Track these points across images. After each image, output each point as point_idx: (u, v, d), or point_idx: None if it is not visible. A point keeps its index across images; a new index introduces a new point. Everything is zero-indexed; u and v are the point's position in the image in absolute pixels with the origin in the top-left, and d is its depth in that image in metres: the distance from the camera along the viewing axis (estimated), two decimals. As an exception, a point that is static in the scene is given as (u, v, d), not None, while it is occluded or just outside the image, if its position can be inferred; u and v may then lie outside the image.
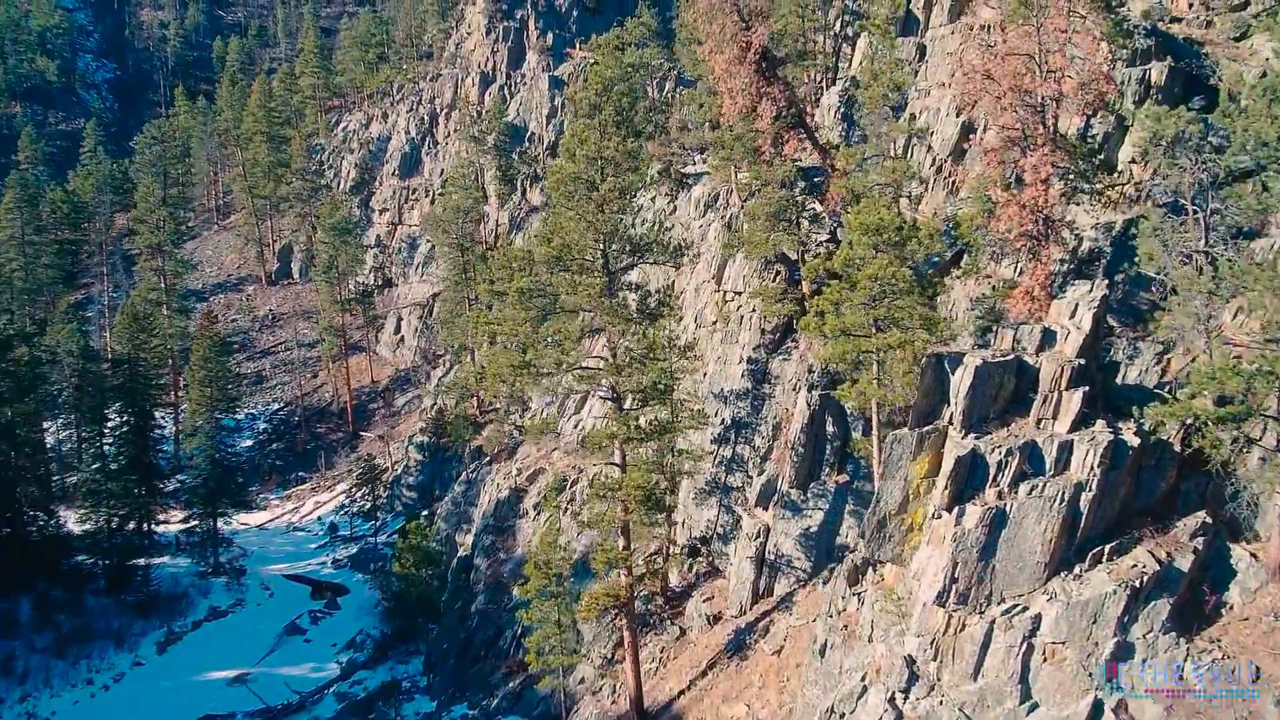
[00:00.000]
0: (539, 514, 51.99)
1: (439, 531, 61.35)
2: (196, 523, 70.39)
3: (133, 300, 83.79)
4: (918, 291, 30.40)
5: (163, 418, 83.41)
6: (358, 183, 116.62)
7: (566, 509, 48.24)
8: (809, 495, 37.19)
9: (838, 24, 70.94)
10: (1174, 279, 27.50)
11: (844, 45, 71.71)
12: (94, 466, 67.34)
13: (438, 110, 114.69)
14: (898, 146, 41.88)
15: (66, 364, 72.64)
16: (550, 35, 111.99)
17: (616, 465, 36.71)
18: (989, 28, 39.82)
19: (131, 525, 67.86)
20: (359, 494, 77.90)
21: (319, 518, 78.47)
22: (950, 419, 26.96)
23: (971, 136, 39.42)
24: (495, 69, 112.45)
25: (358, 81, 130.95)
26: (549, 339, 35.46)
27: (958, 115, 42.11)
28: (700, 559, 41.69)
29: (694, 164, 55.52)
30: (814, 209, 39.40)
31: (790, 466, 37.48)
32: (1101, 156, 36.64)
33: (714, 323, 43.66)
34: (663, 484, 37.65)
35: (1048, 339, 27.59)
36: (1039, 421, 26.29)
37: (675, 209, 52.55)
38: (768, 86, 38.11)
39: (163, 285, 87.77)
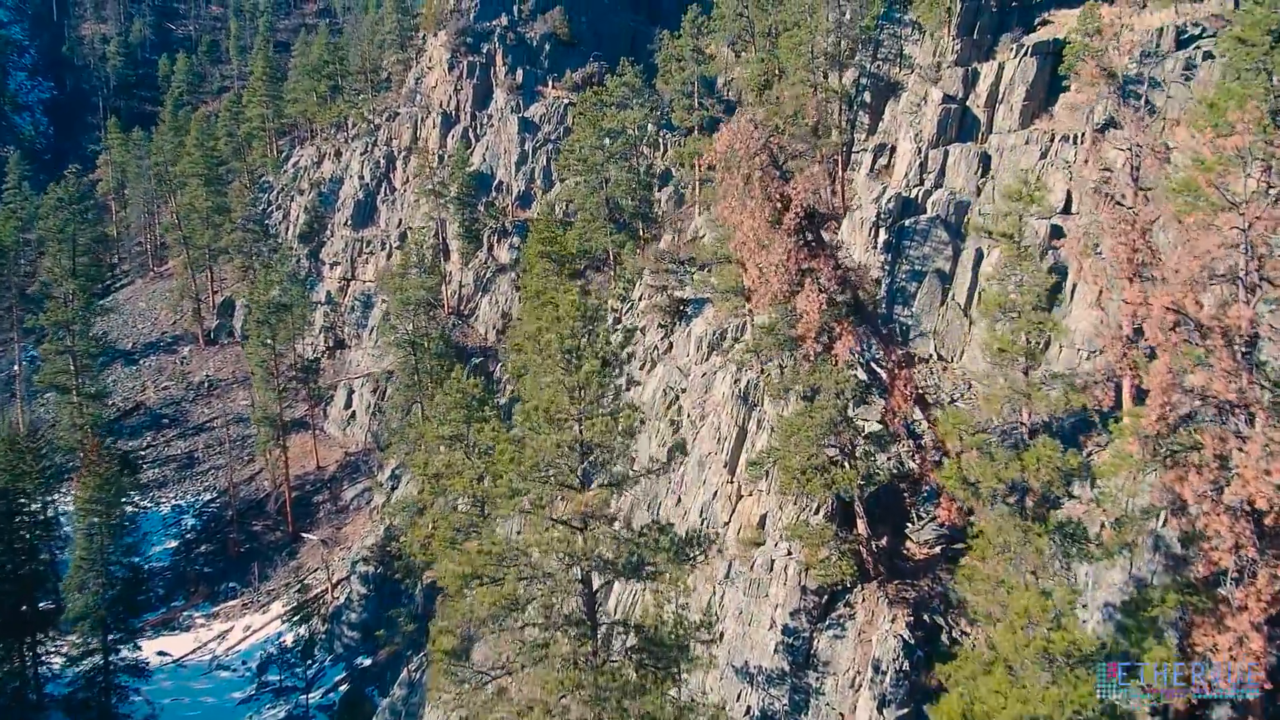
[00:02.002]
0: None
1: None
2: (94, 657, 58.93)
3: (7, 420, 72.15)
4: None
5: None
6: (307, 231, 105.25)
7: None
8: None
9: (854, 88, 60.93)
10: None
11: (861, 114, 61.67)
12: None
13: (395, 153, 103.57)
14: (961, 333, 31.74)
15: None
16: (520, 72, 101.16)
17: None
18: (1099, 164, 29.68)
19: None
20: (295, 622, 67.06)
21: (249, 650, 67.48)
22: None
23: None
24: (459, 108, 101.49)
25: (309, 113, 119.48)
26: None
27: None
28: None
29: (691, 284, 45.25)
30: (873, 424, 29.27)
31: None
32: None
33: (727, 524, 33.35)
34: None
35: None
36: None
37: (670, 347, 42.20)
38: (812, 260, 27.91)
39: (72, 367, 76.14)
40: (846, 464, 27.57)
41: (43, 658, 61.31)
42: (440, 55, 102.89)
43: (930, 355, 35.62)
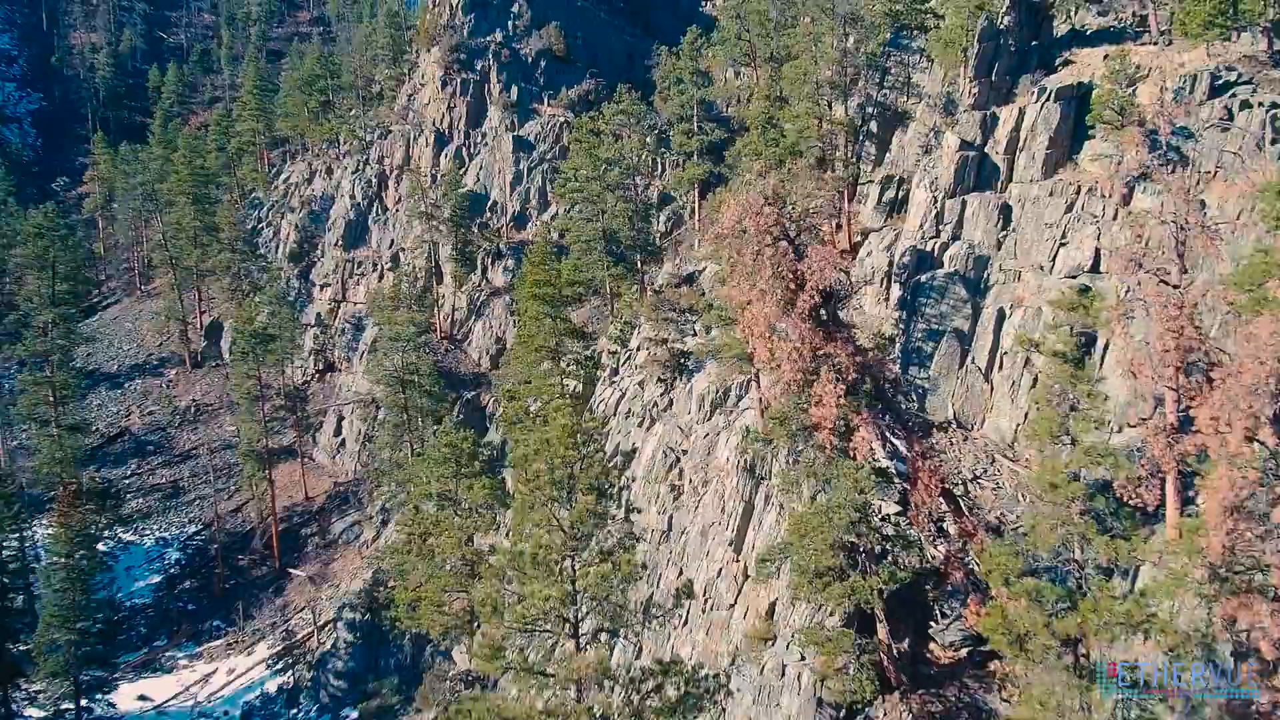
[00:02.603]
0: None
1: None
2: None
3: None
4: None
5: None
6: (297, 250, 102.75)
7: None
8: None
9: (860, 117, 58.79)
10: None
11: (867, 144, 59.57)
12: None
13: (387, 172, 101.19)
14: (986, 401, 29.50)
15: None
16: (515, 89, 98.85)
17: None
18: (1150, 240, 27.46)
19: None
20: (280, 669, 64.74)
21: (232, 696, 65.12)
22: None
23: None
24: (452, 127, 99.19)
25: (300, 128, 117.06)
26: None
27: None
28: None
29: (693, 334, 42.91)
30: (896, 521, 26.98)
31: None
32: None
33: (732, 607, 31.07)
34: None
35: None
36: None
37: (671, 403, 39.91)
38: (828, 343, 25.66)
39: (51, 398, 73.71)
40: (866, 569, 25.32)
41: (18, 705, 59.06)
42: (433, 72, 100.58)
43: (949, 422, 33.44)
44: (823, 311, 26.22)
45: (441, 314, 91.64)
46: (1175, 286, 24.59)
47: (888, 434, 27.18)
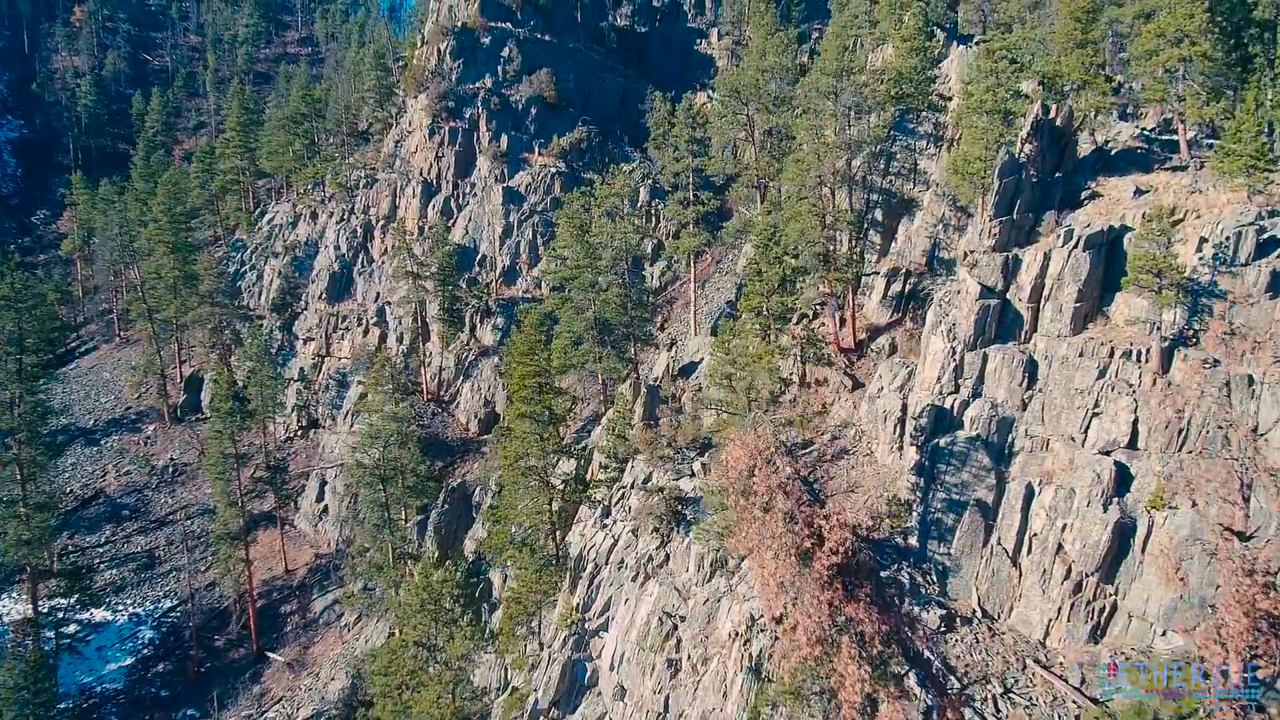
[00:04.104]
0: None
1: None
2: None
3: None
4: None
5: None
6: (280, 301, 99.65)
7: None
8: None
9: (864, 205, 56.03)
10: None
11: (871, 233, 56.89)
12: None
13: (373, 222, 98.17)
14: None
15: None
16: (505, 138, 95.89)
17: None
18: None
19: None
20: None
21: (203, 804, 62.05)
22: None
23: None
24: (440, 176, 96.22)
25: (285, 168, 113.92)
26: None
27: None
28: None
29: (690, 474, 39.89)
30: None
31: None
32: None
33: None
34: None
35: None
36: None
37: (667, 559, 36.94)
38: (850, 604, 22.84)
39: (19, 475, 70.44)
40: None
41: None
42: (421, 119, 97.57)
43: (974, 612, 30.64)
44: (844, 575, 23.40)
45: (428, 374, 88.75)
46: (1241, 535, 21.88)
47: (917, 692, 24.22)
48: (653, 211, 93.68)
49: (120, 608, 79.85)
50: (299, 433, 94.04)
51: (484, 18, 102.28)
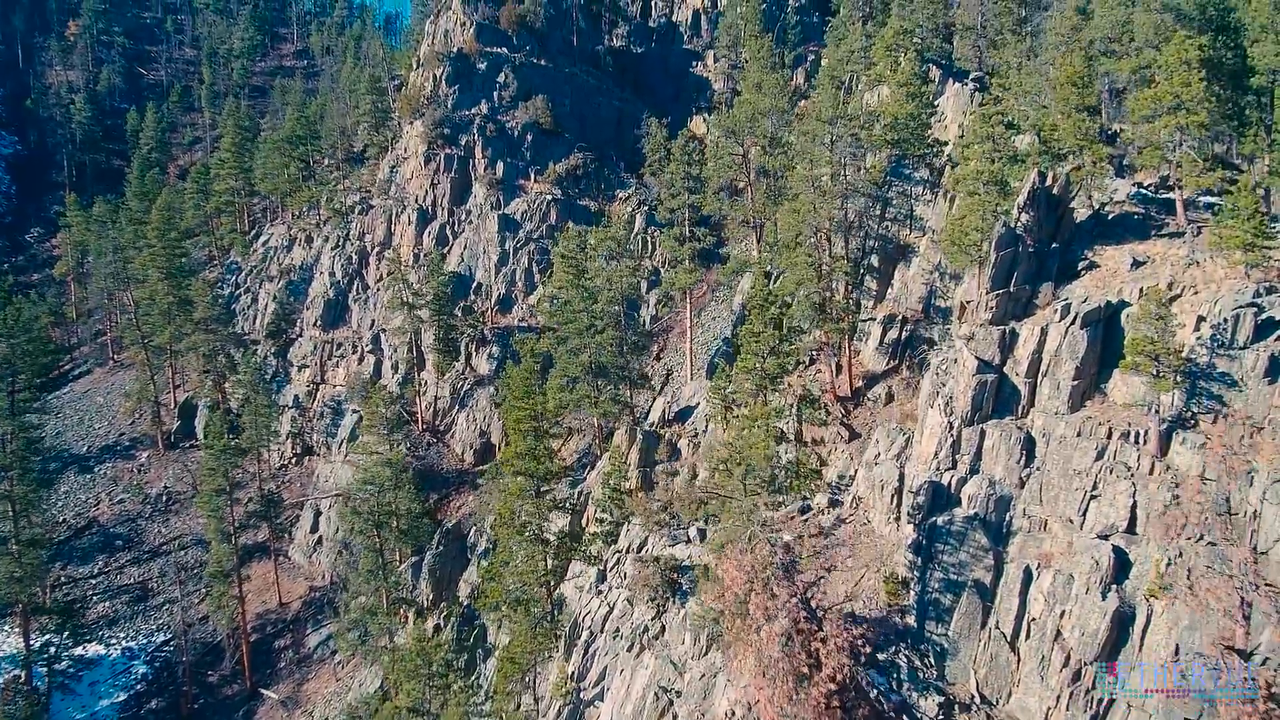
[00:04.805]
0: None
1: None
2: None
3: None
4: None
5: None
6: (275, 326, 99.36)
7: None
8: None
9: (860, 251, 55.91)
10: None
11: (868, 279, 56.75)
12: None
13: (368, 249, 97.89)
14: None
15: None
16: (500, 165, 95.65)
17: None
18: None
19: None
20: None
21: None
22: None
23: None
24: (436, 204, 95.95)
25: (280, 190, 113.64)
26: None
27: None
28: None
29: (686, 540, 39.60)
30: None
31: None
32: None
33: None
34: None
35: None
36: None
37: (663, 629, 36.72)
38: None
39: (11, 511, 70.15)
40: None
41: None
42: (417, 146, 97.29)
43: (972, 698, 30.41)
44: (842, 706, 23.15)
45: (423, 403, 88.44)
46: (1242, 653, 21.74)
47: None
48: (648, 239, 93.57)
49: (113, 641, 79.49)
50: (293, 460, 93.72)
51: (479, 43, 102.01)
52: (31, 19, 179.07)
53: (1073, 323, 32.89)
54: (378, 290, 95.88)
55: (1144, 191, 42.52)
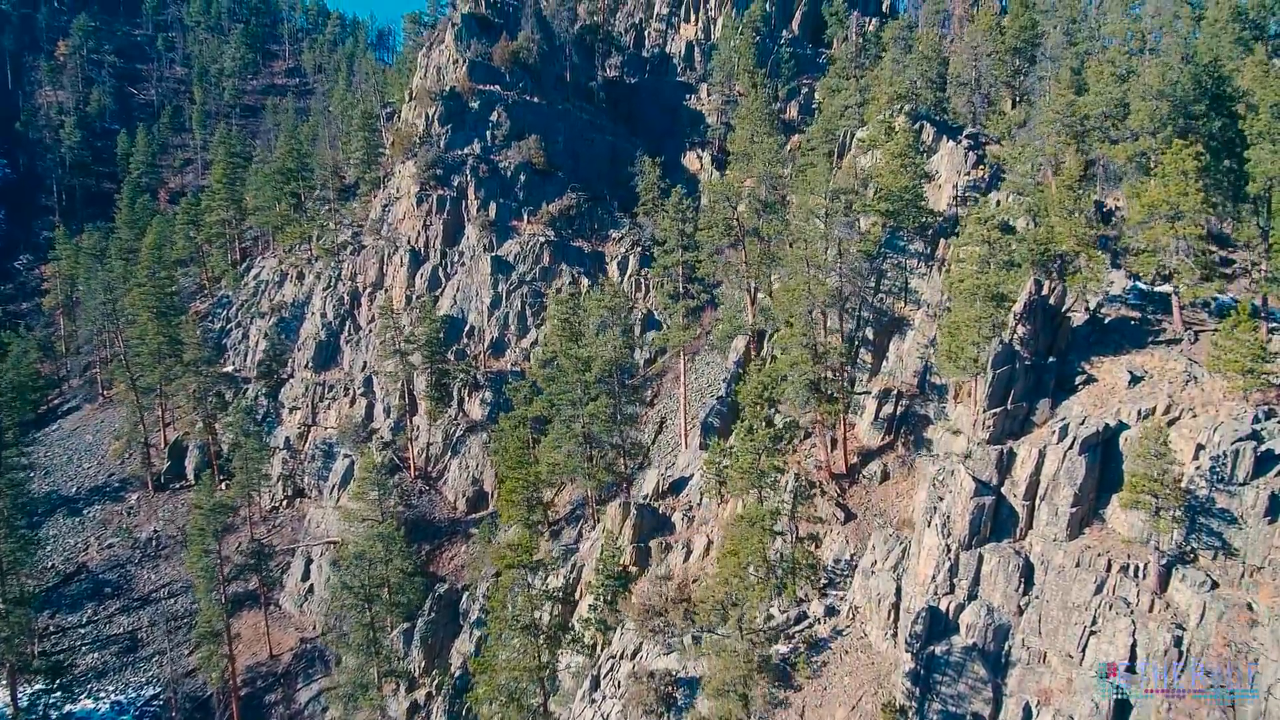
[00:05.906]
0: None
1: None
2: None
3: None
4: None
5: None
6: (266, 366, 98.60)
7: None
8: None
9: (855, 324, 55.61)
10: None
11: (862, 352, 56.48)
12: None
13: (360, 289, 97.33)
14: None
15: None
16: (493, 206, 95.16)
17: None
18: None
19: None
20: None
21: None
22: None
23: None
24: (428, 245, 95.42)
25: (271, 223, 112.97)
26: None
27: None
28: None
29: (680, 648, 39.09)
30: None
31: None
32: None
33: None
34: None
35: None
36: None
37: (656, 746, 36.36)
38: None
39: (-1, 569, 69.47)
40: None
41: None
42: (409, 187, 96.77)
43: (968, 839, 30.15)
44: None
45: (415, 449, 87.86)
46: None
47: None
48: (642, 281, 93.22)
49: (102, 695, 78.77)
50: (284, 502, 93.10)
51: (472, 80, 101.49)
52: (21, 38, 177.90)
53: (1070, 447, 32.57)
54: (370, 332, 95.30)
55: (1140, 286, 42.25)
